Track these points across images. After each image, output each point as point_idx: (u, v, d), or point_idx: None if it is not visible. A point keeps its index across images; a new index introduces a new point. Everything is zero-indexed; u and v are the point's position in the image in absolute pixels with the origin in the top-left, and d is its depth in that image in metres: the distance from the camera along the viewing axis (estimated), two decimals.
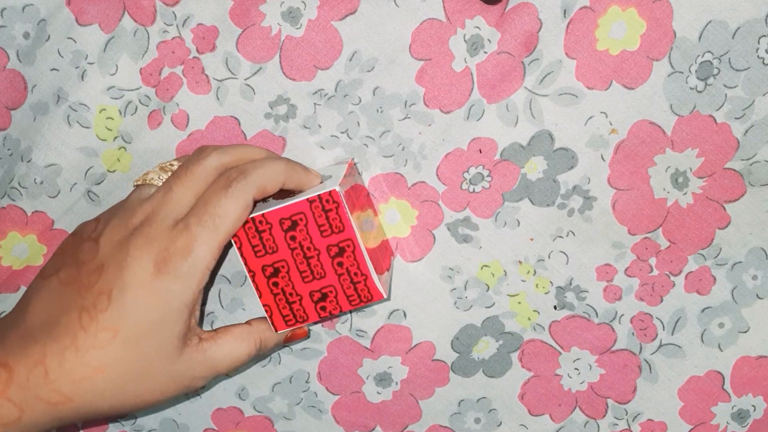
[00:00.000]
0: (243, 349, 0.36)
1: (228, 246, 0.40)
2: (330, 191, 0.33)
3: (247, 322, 0.37)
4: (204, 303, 0.43)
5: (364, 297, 0.35)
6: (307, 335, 0.39)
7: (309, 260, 0.34)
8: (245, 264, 0.35)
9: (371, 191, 0.41)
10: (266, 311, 0.36)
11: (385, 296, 0.35)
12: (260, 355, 0.38)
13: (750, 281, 0.41)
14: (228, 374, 0.44)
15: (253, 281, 0.35)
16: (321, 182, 0.36)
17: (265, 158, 0.35)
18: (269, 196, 0.36)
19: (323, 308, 0.36)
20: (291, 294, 0.35)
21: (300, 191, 0.36)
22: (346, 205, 0.33)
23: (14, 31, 0.37)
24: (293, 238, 0.34)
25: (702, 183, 0.39)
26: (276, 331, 0.36)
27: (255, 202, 0.34)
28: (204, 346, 0.35)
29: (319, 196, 0.33)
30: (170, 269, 0.32)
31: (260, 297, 0.35)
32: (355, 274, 0.35)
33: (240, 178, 0.33)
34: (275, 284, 0.35)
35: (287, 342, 0.39)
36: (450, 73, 0.38)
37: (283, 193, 0.36)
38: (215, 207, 0.33)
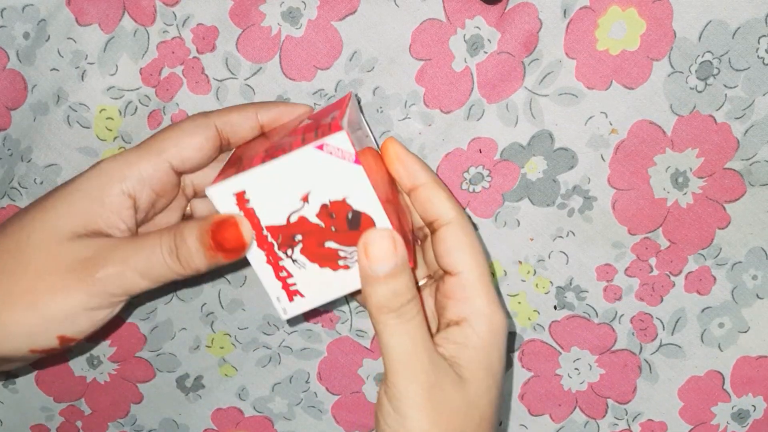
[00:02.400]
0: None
1: None
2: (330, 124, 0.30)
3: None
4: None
5: (321, 133, 0.30)
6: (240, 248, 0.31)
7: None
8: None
9: None
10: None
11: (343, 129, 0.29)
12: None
13: (750, 281, 0.41)
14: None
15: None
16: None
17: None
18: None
19: (266, 152, 0.31)
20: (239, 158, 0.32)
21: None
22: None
23: (14, 31, 0.37)
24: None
25: (702, 183, 0.39)
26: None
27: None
28: None
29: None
30: None
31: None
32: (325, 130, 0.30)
33: None
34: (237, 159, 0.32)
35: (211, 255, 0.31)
36: (450, 73, 0.38)
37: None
38: None
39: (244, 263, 0.34)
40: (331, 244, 0.31)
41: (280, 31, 0.38)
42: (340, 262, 0.32)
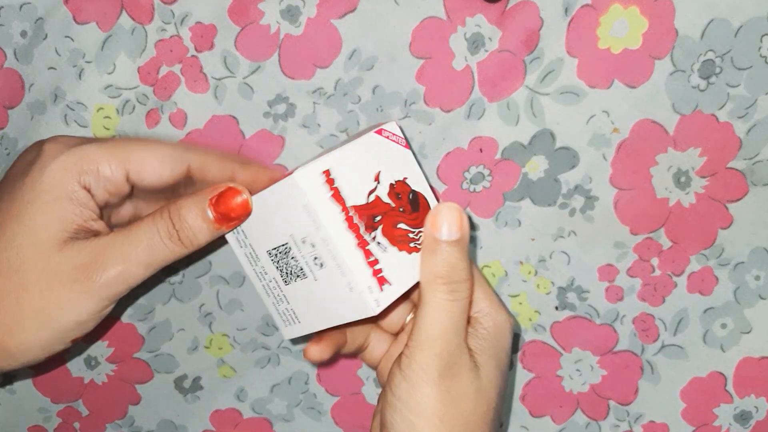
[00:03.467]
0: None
1: (226, 245, 0.39)
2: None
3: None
4: None
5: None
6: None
7: None
8: None
9: None
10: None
11: None
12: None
13: (753, 281, 0.41)
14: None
15: None
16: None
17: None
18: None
19: None
20: None
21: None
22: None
23: (11, 30, 0.37)
24: None
25: (704, 182, 0.39)
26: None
27: None
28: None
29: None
30: None
31: None
32: None
33: None
34: None
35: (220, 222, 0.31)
36: (450, 72, 0.38)
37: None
38: None
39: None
40: (402, 225, 0.32)
41: (279, 29, 0.37)
42: (411, 244, 0.32)
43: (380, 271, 0.31)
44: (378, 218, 0.31)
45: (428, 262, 0.31)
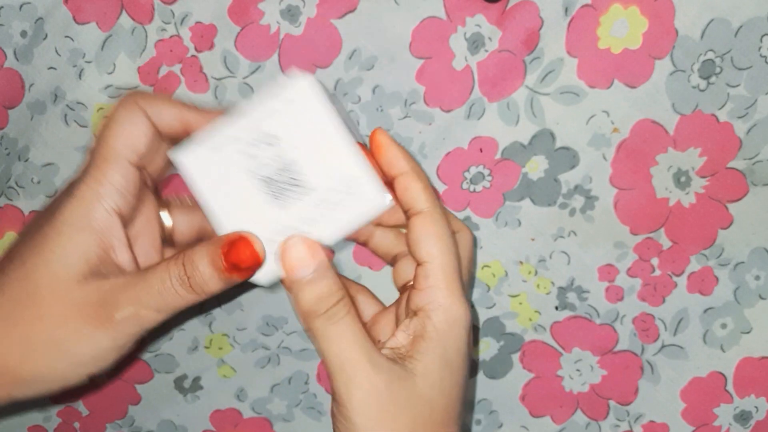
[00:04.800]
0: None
1: None
2: None
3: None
4: None
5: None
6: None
7: None
8: None
9: None
10: None
11: None
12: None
13: (753, 281, 0.41)
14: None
15: None
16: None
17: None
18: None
19: None
20: None
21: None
22: None
23: (11, 30, 0.37)
24: None
25: (704, 182, 0.39)
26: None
27: None
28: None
29: None
30: None
31: None
32: None
33: None
34: None
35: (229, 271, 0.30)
36: (450, 72, 0.38)
37: None
38: None
39: None
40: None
41: (279, 29, 0.37)
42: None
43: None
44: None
45: (297, 303, 0.30)
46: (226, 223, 0.31)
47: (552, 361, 0.43)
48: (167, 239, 0.35)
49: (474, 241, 0.35)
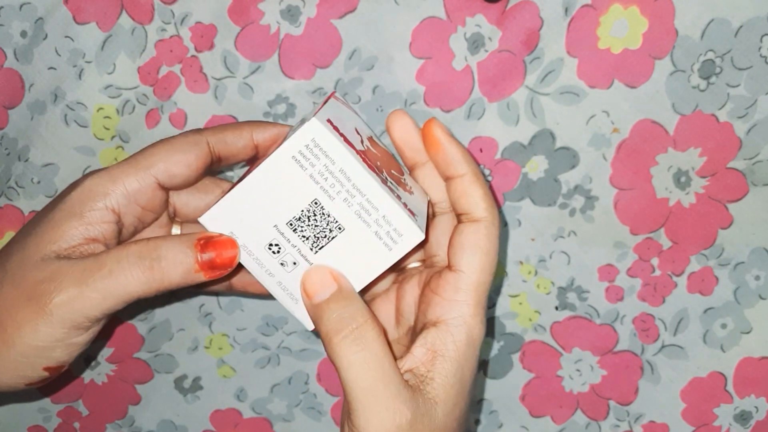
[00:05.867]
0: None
1: None
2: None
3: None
4: None
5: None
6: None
7: None
8: None
9: None
10: None
11: None
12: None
13: (753, 281, 0.41)
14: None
15: None
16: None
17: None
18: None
19: None
20: None
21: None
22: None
23: (11, 30, 0.37)
24: None
25: (704, 182, 0.39)
26: None
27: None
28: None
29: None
30: None
31: None
32: None
33: None
34: None
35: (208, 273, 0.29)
36: (450, 72, 0.38)
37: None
38: None
39: None
40: (393, 171, 0.32)
41: (279, 30, 0.37)
42: (407, 186, 0.32)
43: (405, 204, 0.30)
44: (378, 163, 0.31)
45: (319, 326, 0.29)
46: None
47: (552, 361, 0.43)
48: None
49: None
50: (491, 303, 0.42)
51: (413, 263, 0.35)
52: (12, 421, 0.45)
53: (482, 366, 0.43)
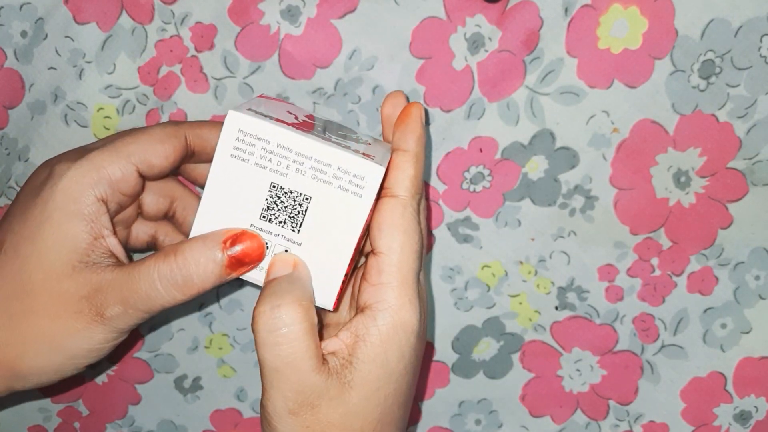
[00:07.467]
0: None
1: None
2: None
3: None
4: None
5: None
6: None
7: None
8: None
9: None
10: None
11: None
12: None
13: (752, 281, 0.41)
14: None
15: None
16: None
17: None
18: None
19: None
20: None
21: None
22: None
23: (12, 30, 0.37)
24: None
25: (704, 182, 0.39)
26: None
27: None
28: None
29: None
30: None
31: None
32: None
33: None
34: None
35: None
36: (450, 72, 0.38)
37: None
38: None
39: None
40: (338, 132, 0.33)
41: (279, 30, 0.37)
42: (354, 138, 0.33)
43: (357, 150, 0.30)
44: (319, 128, 0.31)
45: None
46: (211, 221, 0.30)
47: (552, 361, 0.43)
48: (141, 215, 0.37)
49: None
50: (491, 303, 0.42)
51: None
52: (12, 421, 0.45)
53: (482, 366, 0.43)
